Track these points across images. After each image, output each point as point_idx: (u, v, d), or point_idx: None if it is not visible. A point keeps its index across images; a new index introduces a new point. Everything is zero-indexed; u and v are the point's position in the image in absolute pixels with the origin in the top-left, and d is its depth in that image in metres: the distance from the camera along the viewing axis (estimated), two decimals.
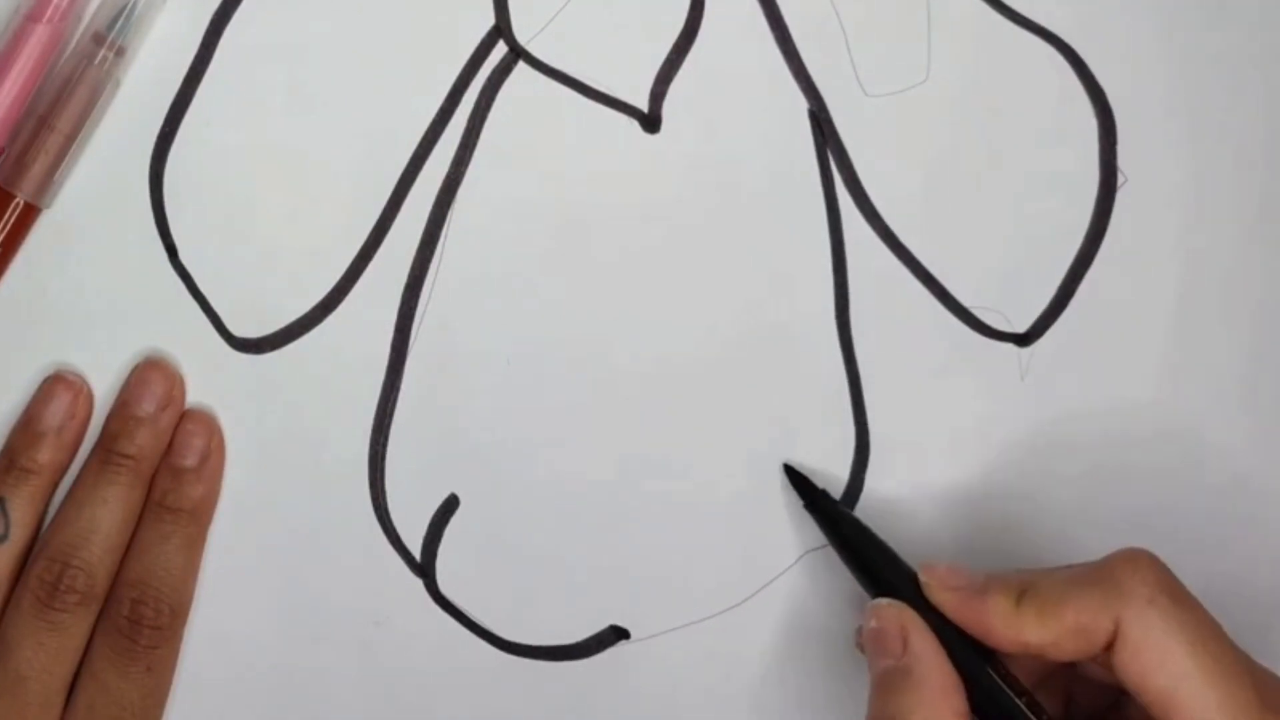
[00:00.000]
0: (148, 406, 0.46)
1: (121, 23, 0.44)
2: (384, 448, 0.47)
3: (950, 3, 0.47)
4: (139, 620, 0.45)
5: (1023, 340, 0.47)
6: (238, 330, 0.46)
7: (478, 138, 0.46)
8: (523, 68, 0.46)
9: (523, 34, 0.46)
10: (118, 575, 0.45)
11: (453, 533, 0.47)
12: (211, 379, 0.46)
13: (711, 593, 0.48)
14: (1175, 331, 0.48)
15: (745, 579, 0.48)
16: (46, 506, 0.46)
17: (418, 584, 0.47)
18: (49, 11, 0.44)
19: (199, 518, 0.46)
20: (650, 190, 0.47)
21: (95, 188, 0.46)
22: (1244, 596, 0.48)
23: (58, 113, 0.44)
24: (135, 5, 0.44)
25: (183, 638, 0.46)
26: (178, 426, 0.46)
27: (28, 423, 0.45)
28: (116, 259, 0.46)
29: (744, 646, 0.48)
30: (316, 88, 0.46)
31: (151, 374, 0.46)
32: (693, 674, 0.48)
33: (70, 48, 0.45)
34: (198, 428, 0.46)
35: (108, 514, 0.45)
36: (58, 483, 0.46)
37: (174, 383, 0.46)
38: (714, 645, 0.48)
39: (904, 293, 0.47)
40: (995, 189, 0.47)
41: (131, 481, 0.45)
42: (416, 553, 0.47)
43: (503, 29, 0.46)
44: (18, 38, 0.44)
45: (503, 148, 0.46)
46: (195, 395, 0.46)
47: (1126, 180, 0.47)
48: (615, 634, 0.48)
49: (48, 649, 0.44)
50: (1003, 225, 0.47)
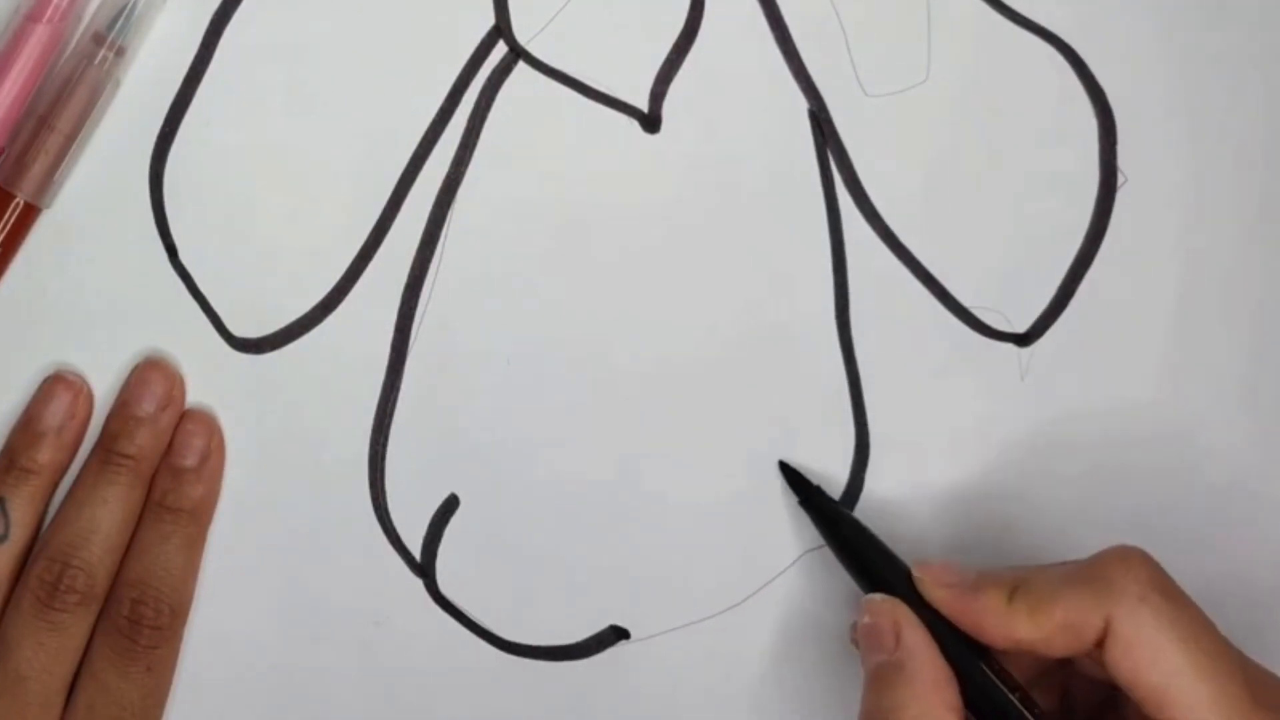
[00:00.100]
0: (148, 406, 0.46)
1: (121, 23, 0.44)
2: (384, 448, 0.47)
3: (950, 3, 0.47)
4: (139, 620, 0.45)
5: (1023, 340, 0.47)
6: (238, 330, 0.46)
7: (478, 138, 0.46)
8: (523, 68, 0.46)
9: (523, 34, 0.46)
10: (118, 575, 0.45)
11: (453, 533, 0.47)
12: (211, 379, 0.46)
13: (711, 593, 0.48)
14: (1175, 331, 0.48)
15: (745, 579, 0.48)
16: (46, 506, 0.46)
17: (418, 584, 0.47)
18: (49, 11, 0.44)
19: (199, 518, 0.46)
20: (650, 190, 0.47)
21: (95, 188, 0.46)
22: (1242, 596, 0.48)
23: (58, 113, 0.44)
24: (135, 5, 0.44)
25: (183, 638, 0.46)
26: (178, 426, 0.46)
27: (28, 423, 0.45)
28: (116, 259, 0.46)
29: (744, 646, 0.48)
30: (316, 88, 0.46)
31: (151, 374, 0.46)
32: (693, 674, 0.48)
33: (70, 48, 0.45)
34: (198, 428, 0.46)
35: (108, 514, 0.45)
36: (58, 483, 0.46)
37: (174, 383, 0.46)
38: (714, 645, 0.48)
39: (904, 293, 0.47)
40: (995, 189, 0.47)
41: (131, 481, 0.45)
42: (416, 553, 0.47)
43: (503, 29, 0.46)
44: (18, 38, 0.44)
45: (503, 148, 0.46)
46: (195, 395, 0.46)
47: (1126, 180, 0.47)
48: (615, 634, 0.48)
49: (48, 649, 0.44)
50: (1003, 225, 0.47)
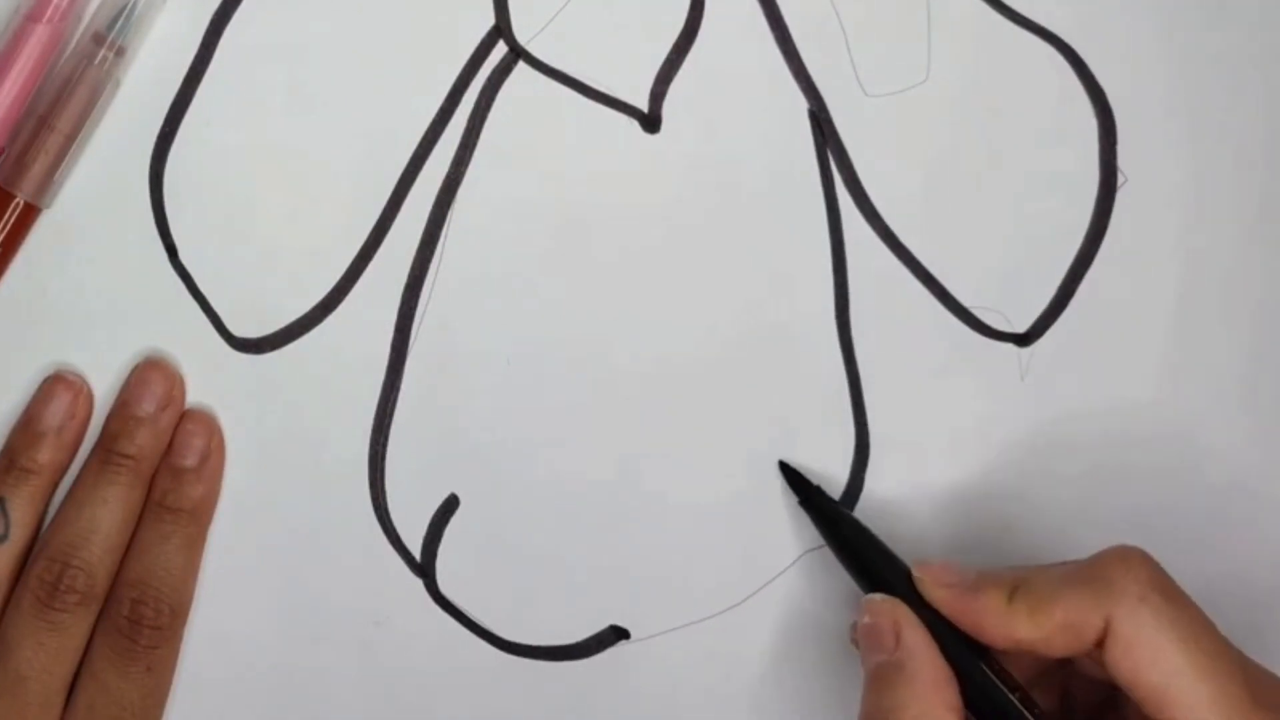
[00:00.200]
0: (148, 406, 0.46)
1: (121, 23, 0.44)
2: (384, 448, 0.47)
3: (950, 3, 0.47)
4: (139, 620, 0.45)
5: (1023, 340, 0.47)
6: (238, 330, 0.46)
7: (478, 138, 0.46)
8: (523, 68, 0.46)
9: (523, 34, 0.46)
10: (118, 575, 0.45)
11: (453, 533, 0.47)
12: (211, 379, 0.46)
13: (711, 593, 0.48)
14: (1175, 331, 0.48)
15: (745, 579, 0.48)
16: (46, 506, 0.46)
17: (418, 584, 0.47)
18: (49, 11, 0.44)
19: (199, 518, 0.46)
20: (650, 190, 0.47)
21: (95, 188, 0.46)
22: (1242, 596, 0.48)
23: (58, 113, 0.44)
24: (135, 5, 0.44)
25: (183, 638, 0.46)
26: (178, 426, 0.46)
27: (28, 423, 0.45)
28: (116, 259, 0.46)
29: (744, 646, 0.48)
30: (316, 88, 0.46)
31: (151, 374, 0.46)
32: (693, 674, 0.48)
33: (70, 48, 0.45)
34: (198, 428, 0.46)
35: (108, 514, 0.45)
36: (58, 483, 0.46)
37: (174, 383, 0.46)
38: (714, 645, 0.48)
39: (904, 293, 0.47)
40: (995, 189, 0.47)
41: (131, 481, 0.45)
42: (416, 553, 0.47)
43: (503, 29, 0.46)
44: (18, 38, 0.44)
45: (503, 148, 0.46)
46: (195, 395, 0.46)
47: (1126, 180, 0.47)
48: (615, 634, 0.48)
49: (48, 649, 0.44)
50: (1003, 225, 0.47)
